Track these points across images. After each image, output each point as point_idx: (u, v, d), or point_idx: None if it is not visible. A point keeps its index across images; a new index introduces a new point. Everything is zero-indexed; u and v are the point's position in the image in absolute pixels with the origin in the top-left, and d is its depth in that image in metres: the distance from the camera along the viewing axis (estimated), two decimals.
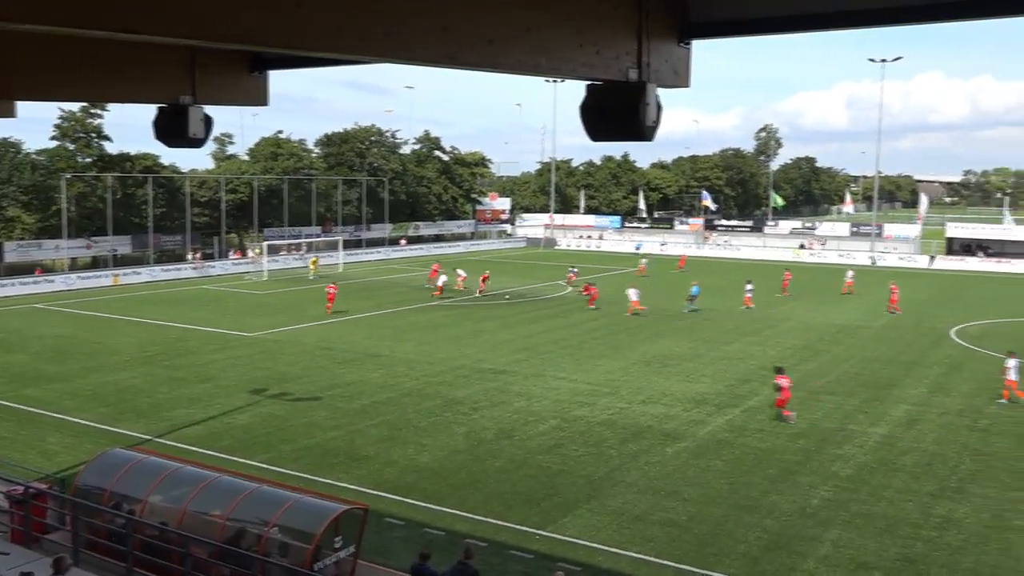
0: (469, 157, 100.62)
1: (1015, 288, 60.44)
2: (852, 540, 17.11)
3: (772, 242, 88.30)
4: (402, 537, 16.90)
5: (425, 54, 5.41)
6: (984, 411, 26.73)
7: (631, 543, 16.84)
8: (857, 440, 23.66)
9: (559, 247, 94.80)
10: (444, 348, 35.51)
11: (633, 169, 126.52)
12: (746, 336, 39.35)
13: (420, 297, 51.47)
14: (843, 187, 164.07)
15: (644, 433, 24.08)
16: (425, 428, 24.39)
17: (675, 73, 7.42)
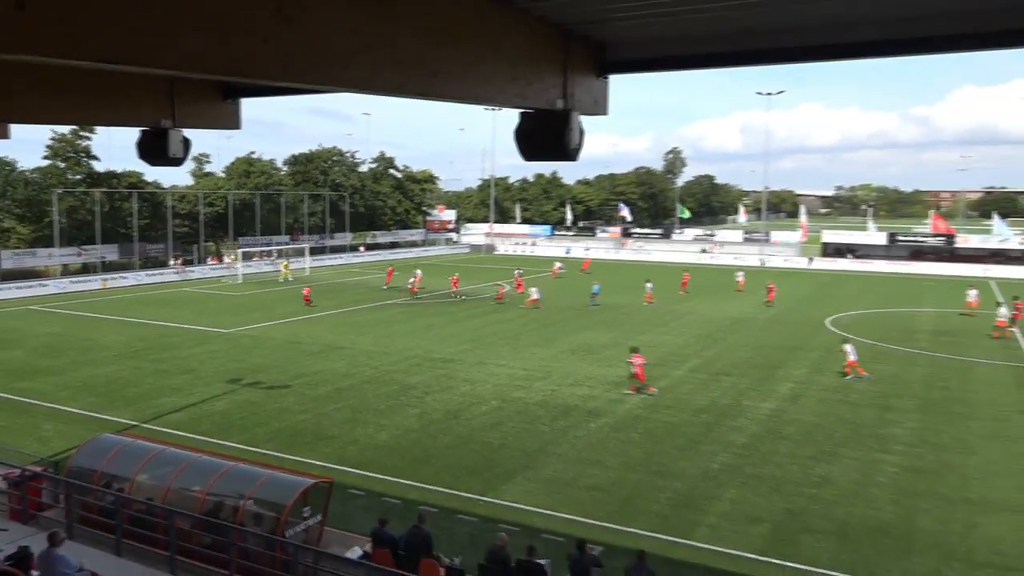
0: (419, 175, 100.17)
1: (877, 284, 62.46)
2: (746, 498, 17.45)
3: (679, 247, 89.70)
4: (363, 506, 16.71)
5: (379, 85, 5.35)
6: (854, 387, 27.51)
7: (562, 506, 16.92)
8: (750, 414, 24.14)
9: (498, 252, 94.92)
10: (399, 341, 35.22)
11: (561, 185, 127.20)
12: (656, 327, 39.87)
13: (378, 296, 50.95)
14: (737, 200, 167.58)
15: (572, 411, 24.21)
16: (383, 410, 24.15)
17: (595, 103, 7.49)
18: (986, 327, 39.06)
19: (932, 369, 30.70)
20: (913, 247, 79.82)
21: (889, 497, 17.52)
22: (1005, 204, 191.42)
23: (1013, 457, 20.33)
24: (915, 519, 16.36)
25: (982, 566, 14.34)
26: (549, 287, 53.36)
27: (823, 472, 19.08)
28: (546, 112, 6.85)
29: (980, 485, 18.32)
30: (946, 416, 24.06)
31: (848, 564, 14.33)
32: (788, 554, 14.72)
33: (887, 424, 23.16)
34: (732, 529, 15.83)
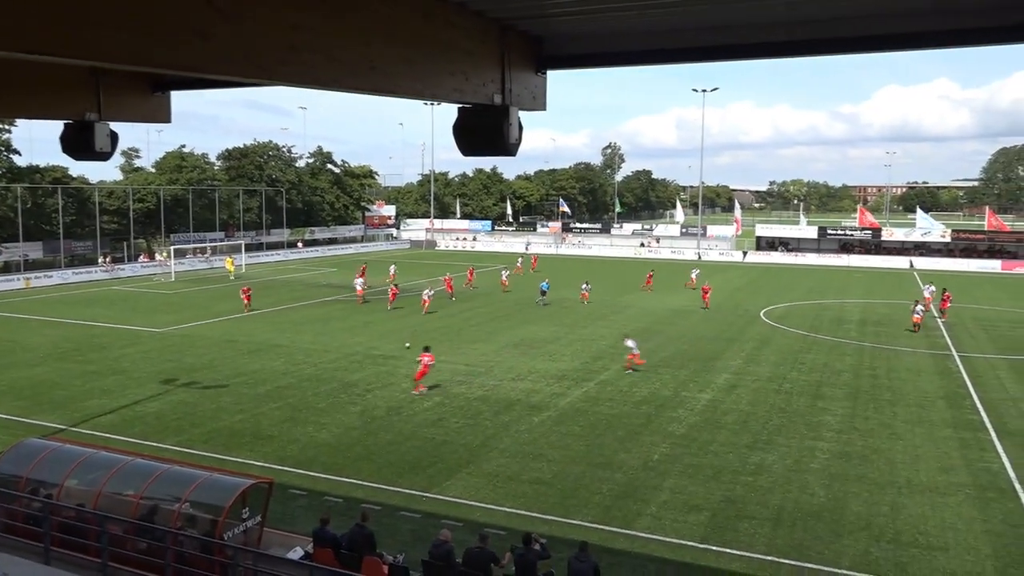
0: (358, 170, 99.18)
1: (808, 276, 64.35)
2: (686, 487, 17.80)
3: (618, 242, 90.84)
4: (305, 506, 16.48)
5: (314, 79, 5.28)
6: (787, 377, 28.31)
7: (505, 500, 16.98)
8: (688, 404, 24.62)
9: (439, 248, 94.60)
10: (339, 338, 34.79)
11: (501, 180, 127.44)
12: (597, 321, 40.30)
13: (317, 293, 50.21)
14: (674, 195, 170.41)
15: (514, 406, 24.30)
16: (323, 409, 23.83)
17: (534, 98, 7.53)
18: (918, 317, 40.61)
19: (860, 358, 31.79)
20: (842, 240, 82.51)
21: (821, 482, 18.09)
22: (927, 199, 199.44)
23: (935, 441, 21.22)
24: (846, 503, 16.93)
25: (908, 545, 14.94)
26: (498, 282, 53.39)
27: (759, 460, 19.58)
28: (485, 107, 6.86)
29: (905, 468, 19.07)
30: (874, 403, 24.95)
31: (783, 548, 14.76)
32: (727, 540, 15.08)
33: (819, 412, 23.90)
34: (673, 518, 16.12)
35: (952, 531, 15.56)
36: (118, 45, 4.14)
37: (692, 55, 7.10)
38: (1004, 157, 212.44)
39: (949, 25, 6.16)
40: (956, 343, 35.06)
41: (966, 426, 22.64)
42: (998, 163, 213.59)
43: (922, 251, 77.54)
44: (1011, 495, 17.47)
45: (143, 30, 4.20)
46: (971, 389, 26.82)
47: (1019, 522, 16.02)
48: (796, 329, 38.32)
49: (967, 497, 17.32)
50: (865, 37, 6.45)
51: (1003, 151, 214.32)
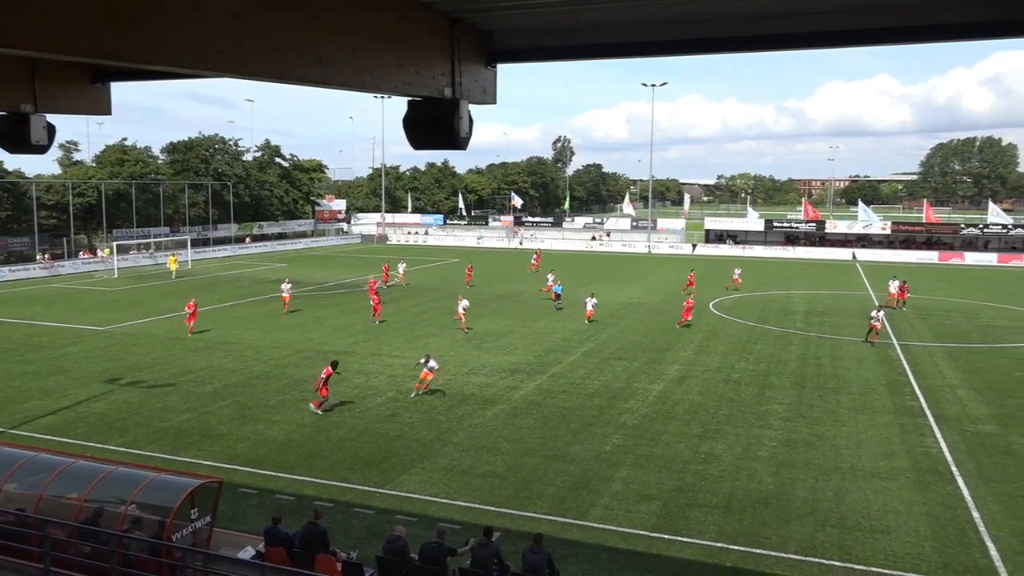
0: (307, 164, 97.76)
1: (755, 268, 65.56)
2: (638, 477, 18.02)
3: (569, 235, 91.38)
4: (256, 504, 16.24)
5: (258, 70, 5.17)
6: (735, 367, 28.85)
7: (459, 494, 16.98)
8: (640, 396, 24.91)
9: (390, 242, 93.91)
10: (289, 334, 34.32)
11: (453, 174, 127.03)
12: (550, 314, 40.48)
13: (266, 289, 49.41)
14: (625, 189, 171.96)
15: (468, 400, 24.29)
16: (274, 406, 23.49)
17: (484, 91, 7.51)
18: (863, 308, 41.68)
19: (806, 348, 32.55)
20: (787, 233, 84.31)
21: (769, 470, 18.49)
22: (868, 192, 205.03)
23: (877, 427, 21.86)
24: (792, 489, 17.34)
25: (852, 529, 15.37)
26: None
27: (709, 449, 19.92)
28: (435, 100, 6.82)
29: (849, 454, 19.60)
30: (819, 391, 25.59)
31: (732, 535, 15.06)
32: (678, 529, 15.32)
33: (766, 401, 24.41)
34: (625, 508, 16.31)
35: (893, 514, 16.06)
36: (52, 33, 4.00)
37: (639, 50, 7.16)
38: (941, 152, 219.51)
39: (873, 23, 6.33)
40: (897, 332, 36.14)
41: (906, 412, 23.37)
42: (935, 158, 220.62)
43: (864, 243, 79.70)
44: (948, 478, 18.10)
45: (78, 18, 4.07)
46: (911, 376, 27.68)
47: (956, 504, 16.61)
48: (744, 320, 39.05)
49: (907, 481, 17.89)
50: (803, 34, 6.59)
51: (940, 146, 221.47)
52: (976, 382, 26.98)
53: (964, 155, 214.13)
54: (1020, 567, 13.88)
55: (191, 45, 4.65)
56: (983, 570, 13.80)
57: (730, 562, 14.07)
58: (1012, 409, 23.75)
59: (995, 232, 77.99)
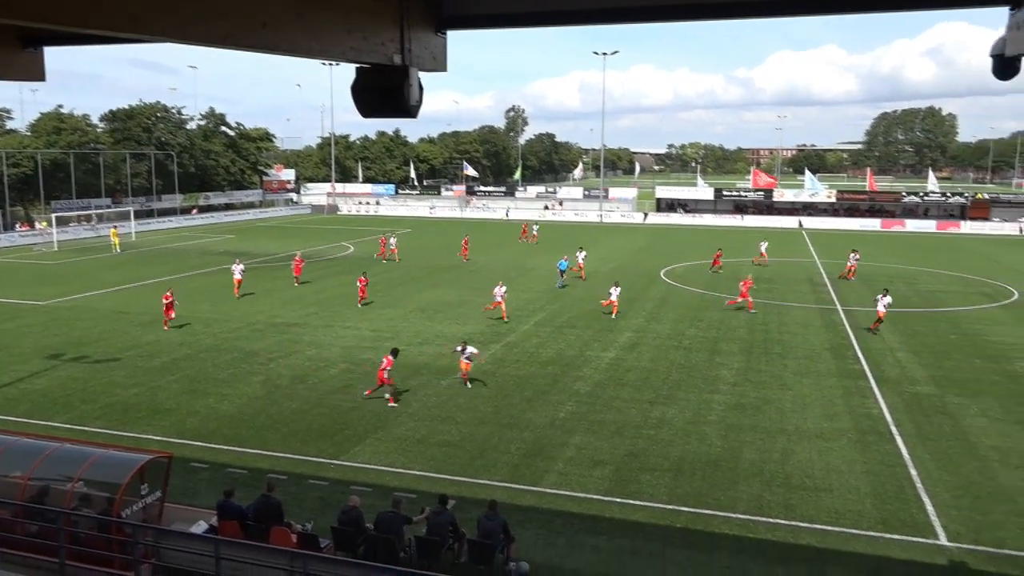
0: (254, 132, 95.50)
1: (705, 236, 66.48)
2: (591, 443, 18.30)
3: (522, 204, 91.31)
4: (207, 479, 16.07)
5: (198, 35, 5.00)
6: (686, 334, 29.33)
7: (414, 463, 17.04)
8: (593, 363, 25.19)
9: (341, 213, 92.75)
10: (239, 306, 33.76)
11: (404, 143, 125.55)
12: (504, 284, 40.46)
13: (215, 261, 48.44)
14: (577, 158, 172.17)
15: (422, 370, 24.28)
16: (224, 379, 23.17)
17: (434, 58, 7.40)
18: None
19: (754, 314, 33.23)
20: (737, 201, 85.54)
21: (718, 433, 18.94)
22: (815, 161, 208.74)
23: (821, 390, 22.52)
24: (740, 451, 17.80)
25: (797, 488, 15.88)
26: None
27: (660, 414, 20.30)
28: (384, 67, 6.70)
29: (794, 417, 20.18)
30: (766, 356, 26.20)
31: (683, 497, 15.43)
32: (630, 492, 15.64)
33: (715, 366, 24.91)
34: (579, 473, 16.57)
35: (836, 473, 16.62)
36: None
37: (590, 17, 7.12)
38: (885, 121, 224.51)
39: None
40: (840, 298, 37.11)
41: (849, 375, 24.10)
42: (879, 127, 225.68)
43: (810, 211, 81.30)
44: (888, 437, 18.78)
45: None
46: (853, 341, 28.52)
47: (895, 462, 17.26)
48: (694, 288, 39.67)
49: (849, 441, 18.51)
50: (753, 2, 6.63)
51: (884, 116, 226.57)
52: (915, 345, 27.92)
53: (906, 125, 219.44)
54: (953, 520, 14.53)
55: (125, 8, 4.47)
56: (919, 524, 14.41)
57: (680, 523, 14.43)
58: (948, 371, 24.67)
59: (934, 200, 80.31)
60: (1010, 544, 13.68)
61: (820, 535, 14.00)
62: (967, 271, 46.65)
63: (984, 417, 20.31)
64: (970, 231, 73.88)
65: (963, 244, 63.23)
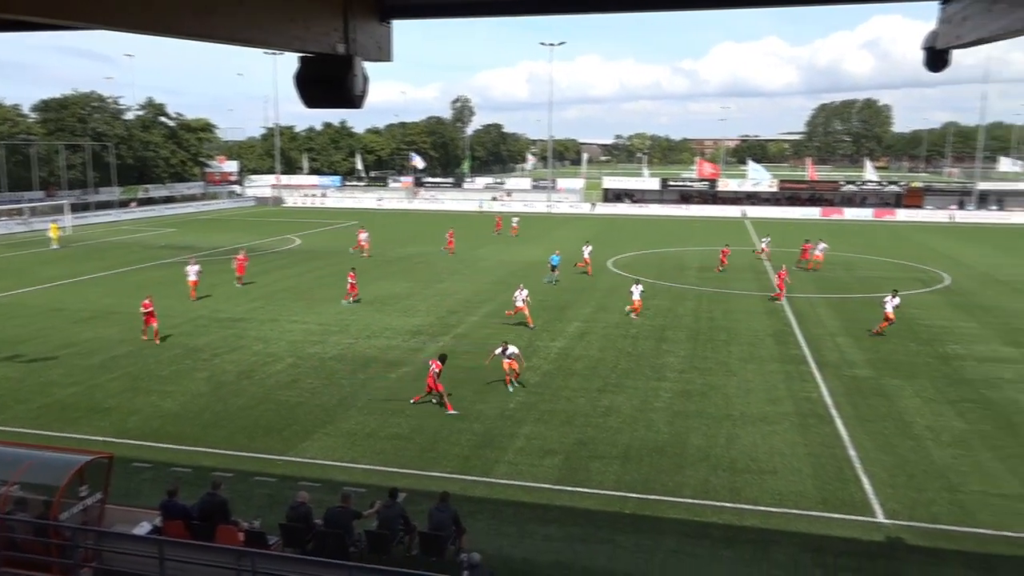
0: (195, 123, 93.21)
1: (651, 226, 67.36)
2: (541, 433, 18.40)
3: (471, 196, 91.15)
4: (150, 478, 15.69)
5: (130, 22, 4.81)
6: (633, 323, 29.68)
7: (363, 457, 16.91)
8: (542, 353, 25.31)
9: (286, 205, 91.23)
10: (182, 302, 32.96)
11: (351, 134, 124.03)
12: (452, 275, 40.44)
13: (156, 255, 47.20)
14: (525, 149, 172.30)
15: (371, 363, 24.08)
16: (167, 376, 22.62)
17: (379, 48, 7.30)
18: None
19: (699, 302, 33.81)
20: (682, 191, 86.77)
21: (665, 420, 19.23)
22: (757, 151, 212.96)
23: (764, 375, 23.04)
24: (687, 437, 18.11)
25: (742, 472, 16.24)
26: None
27: (608, 402, 20.51)
28: (327, 57, 6.58)
29: (739, 402, 20.61)
30: (711, 343, 26.68)
31: (631, 483, 15.64)
32: (580, 480, 15.78)
33: (662, 354, 25.27)
34: (529, 463, 16.65)
35: (779, 456, 17.05)
36: None
37: (534, 7, 7.11)
38: (824, 112, 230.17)
39: None
40: None
41: (790, 360, 24.70)
42: (819, 118, 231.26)
43: (753, 200, 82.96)
44: (827, 420, 19.33)
45: None
46: (795, 327, 29.23)
47: (835, 444, 17.77)
48: (642, 277, 40.09)
49: (791, 424, 18.99)
50: None
51: (823, 107, 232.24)
52: (853, 330, 28.76)
53: (845, 115, 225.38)
54: (890, 498, 15.04)
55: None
56: (858, 503, 14.87)
57: (629, 509, 14.63)
58: (885, 354, 25.48)
59: (871, 189, 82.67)
60: (943, 519, 14.23)
61: (764, 516, 14.35)
62: (902, 257, 48.21)
63: (918, 398, 21.05)
64: (905, 218, 76.31)
65: (898, 231, 65.27)
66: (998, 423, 19.15)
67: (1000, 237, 61.16)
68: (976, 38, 5.57)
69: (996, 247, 54.50)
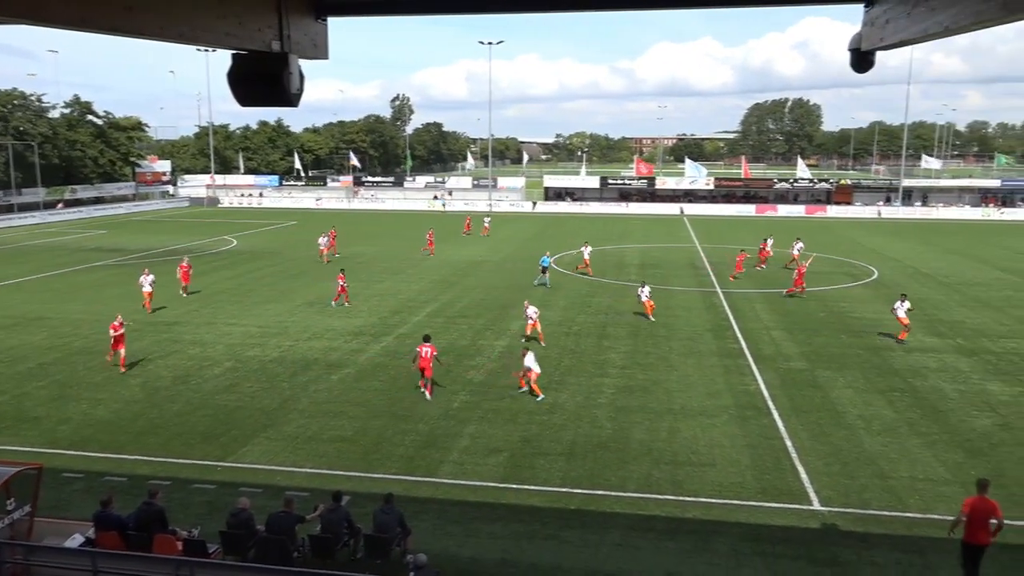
0: (124, 122, 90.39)
1: (591, 223, 67.96)
2: (485, 431, 18.41)
3: (411, 195, 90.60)
4: (82, 489, 15.16)
5: (53, 17, 4.63)
6: (575, 320, 29.92)
7: (306, 461, 16.65)
8: (486, 352, 25.32)
9: (222, 205, 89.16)
10: (113, 306, 31.81)
11: (288, 133, 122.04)
12: (394, 275, 40.11)
13: (86, 258, 45.58)
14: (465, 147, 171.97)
15: (312, 365, 23.73)
16: (99, 383, 21.88)
17: (315, 46, 7.21)
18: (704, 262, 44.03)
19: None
20: (621, 189, 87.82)
21: (608, 415, 19.44)
22: (694, 149, 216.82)
23: (703, 369, 23.50)
24: (630, 432, 18.35)
25: (683, 464, 16.53)
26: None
27: (552, 399, 20.63)
28: (262, 54, 6.46)
29: (680, 396, 20.97)
30: (652, 339, 27.08)
31: (576, 479, 15.77)
32: (524, 477, 15.84)
33: (604, 350, 25.53)
34: (474, 462, 16.64)
35: (719, 448, 17.41)
36: None
37: (471, 6, 7.11)
38: (757, 112, 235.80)
39: None
40: (720, 281, 38.78)
41: (729, 354, 25.25)
42: (752, 117, 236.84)
43: (691, 198, 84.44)
44: (765, 412, 19.82)
45: None
46: (733, 321, 29.88)
47: (772, 435, 18.23)
48: (582, 275, 40.46)
49: (730, 417, 19.41)
50: None
51: (756, 106, 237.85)
52: (788, 324, 29.54)
53: (777, 115, 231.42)
54: (825, 486, 15.50)
55: None
56: (795, 492, 15.29)
57: (574, 505, 14.75)
58: (818, 347, 26.25)
59: (803, 186, 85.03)
60: (874, 504, 14.74)
61: (705, 508, 14.64)
62: (833, 252, 49.71)
63: (850, 388, 21.75)
64: (835, 215, 78.69)
65: (829, 227, 67.27)
66: (924, 411, 19.93)
67: (924, 232, 63.61)
68: (898, 40, 5.79)
69: (920, 241, 56.67)
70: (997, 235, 61.24)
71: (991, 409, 20.10)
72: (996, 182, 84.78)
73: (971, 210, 78.39)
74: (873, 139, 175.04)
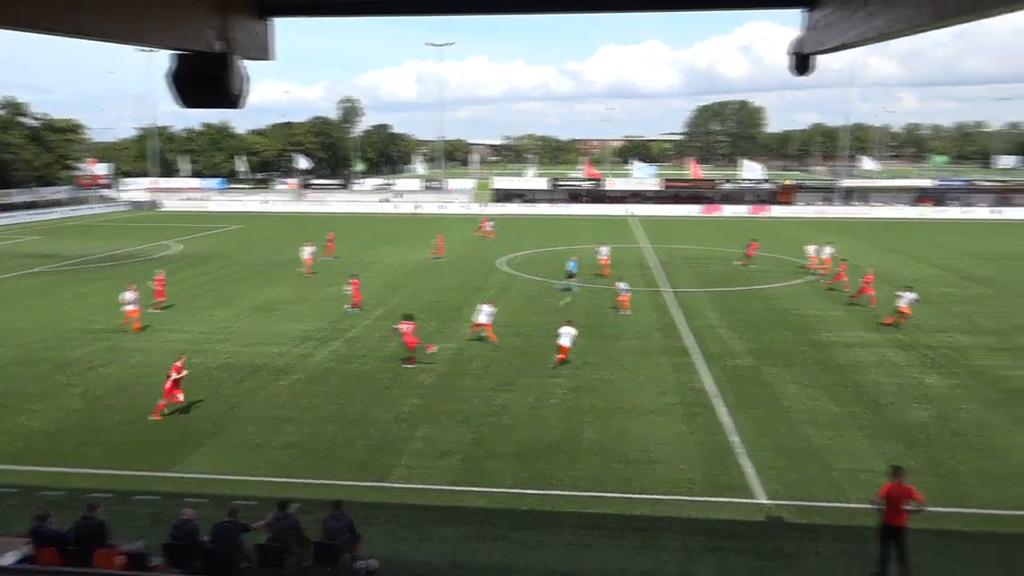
0: (61, 123, 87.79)
1: (540, 225, 68.29)
2: (437, 434, 18.36)
3: (360, 197, 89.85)
4: (18, 504, 14.66)
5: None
6: (527, 322, 30.03)
7: (255, 468, 16.39)
8: (437, 355, 25.21)
9: (164, 209, 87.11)
10: (48, 313, 30.93)
11: (233, 135, 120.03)
12: (342, 279, 39.59)
13: (18, 265, 44.06)
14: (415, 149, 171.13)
15: (259, 371, 23.35)
16: (35, 393, 21.19)
17: (259, 46, 7.11)
18: None
19: (590, 299, 34.55)
20: (570, 191, 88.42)
21: (559, 416, 19.57)
22: (641, 151, 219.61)
23: (652, 368, 23.82)
24: (580, 432, 18.50)
25: (633, 462, 16.73)
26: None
27: (503, 401, 20.68)
28: (203, 55, 6.35)
29: (629, 395, 21.22)
30: (602, 339, 27.34)
31: (527, 480, 15.84)
32: (476, 479, 15.85)
33: (555, 351, 25.63)
34: (426, 465, 16.58)
35: (668, 445, 17.67)
36: None
37: (417, 7, 7.10)
38: (703, 114, 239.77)
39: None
40: (668, 279, 39.35)
41: (676, 352, 25.64)
42: (698, 119, 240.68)
43: (639, 199, 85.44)
44: (712, 408, 20.19)
45: None
46: (680, 320, 30.35)
47: (719, 431, 18.58)
48: (533, 276, 40.65)
49: (679, 414, 19.72)
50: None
51: (702, 108, 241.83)
52: (733, 321, 30.13)
53: (722, 117, 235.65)
54: (771, 480, 15.86)
55: None
56: (742, 486, 15.61)
57: (526, 505, 14.81)
58: (764, 344, 26.83)
59: (748, 187, 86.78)
60: (820, 496, 15.14)
61: (654, 504, 14.85)
62: (778, 251, 50.83)
63: (795, 384, 22.29)
64: (779, 214, 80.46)
65: (773, 226, 68.76)
66: (866, 405, 20.54)
67: (865, 230, 65.51)
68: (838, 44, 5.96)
69: (860, 239, 58.32)
70: (932, 233, 63.44)
71: (928, 401, 20.82)
72: (931, 182, 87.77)
73: (908, 209, 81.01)
74: (814, 140, 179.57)
